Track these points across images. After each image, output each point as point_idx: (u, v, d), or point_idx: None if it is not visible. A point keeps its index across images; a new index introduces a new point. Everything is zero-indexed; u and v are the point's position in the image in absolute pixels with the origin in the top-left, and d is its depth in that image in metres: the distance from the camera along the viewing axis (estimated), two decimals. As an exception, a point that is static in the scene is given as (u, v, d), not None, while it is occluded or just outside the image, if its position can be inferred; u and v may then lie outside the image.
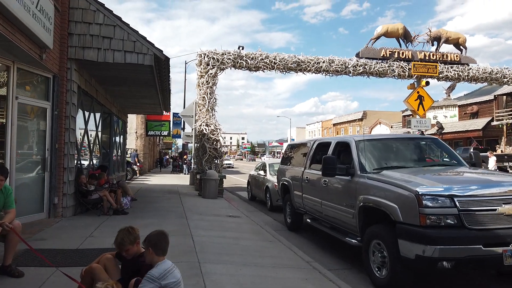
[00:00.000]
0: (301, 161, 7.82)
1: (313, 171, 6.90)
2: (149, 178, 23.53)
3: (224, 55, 16.71)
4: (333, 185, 5.89)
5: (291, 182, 7.98)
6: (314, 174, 6.79)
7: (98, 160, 11.41)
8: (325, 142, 6.93)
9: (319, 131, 75.09)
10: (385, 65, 19.40)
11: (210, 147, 14.21)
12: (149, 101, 13.48)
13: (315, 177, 6.69)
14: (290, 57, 18.07)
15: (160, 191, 15.06)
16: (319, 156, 7.05)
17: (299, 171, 7.59)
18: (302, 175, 7.31)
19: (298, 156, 8.27)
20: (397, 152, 5.71)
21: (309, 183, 6.92)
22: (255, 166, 14.09)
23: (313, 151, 7.17)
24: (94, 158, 11.04)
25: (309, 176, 6.96)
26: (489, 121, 32.60)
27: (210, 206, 10.77)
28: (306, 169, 7.23)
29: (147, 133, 29.58)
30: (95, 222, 7.37)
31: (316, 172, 6.76)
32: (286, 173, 8.53)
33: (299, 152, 8.31)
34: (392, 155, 5.65)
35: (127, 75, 9.30)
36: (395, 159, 5.58)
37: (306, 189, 7.09)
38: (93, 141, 10.76)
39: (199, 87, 16.29)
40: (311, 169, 7.06)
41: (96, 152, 11.43)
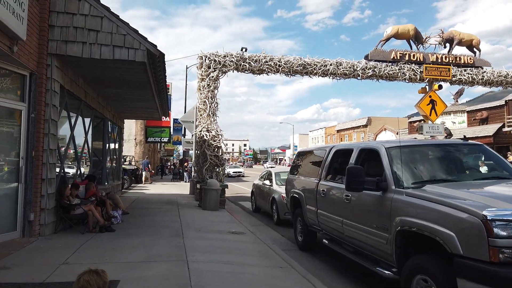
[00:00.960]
0: (314, 170, 6.80)
1: (331, 183, 5.87)
2: (148, 186, 22.51)
3: (226, 57, 15.80)
4: (359, 202, 4.86)
5: (302, 195, 6.95)
6: (332, 187, 5.77)
7: (89, 168, 10.40)
8: (344, 149, 5.91)
9: (322, 137, 73.98)
10: (396, 68, 18.45)
11: (211, 154, 13.21)
12: (145, 104, 12.51)
13: (334, 190, 5.67)
14: (295, 60, 17.17)
15: (158, 201, 14.03)
16: (337, 166, 6.03)
17: (312, 183, 6.56)
18: (316, 188, 6.28)
19: (311, 165, 7.25)
20: (438, 161, 4.68)
21: (326, 198, 5.89)
22: (260, 175, 13.06)
23: (330, 159, 6.15)
24: (83, 166, 10.04)
25: (326, 189, 5.93)
26: (500, 127, 31.51)
27: (210, 220, 9.74)
28: (322, 181, 6.20)
29: (146, 140, 28.62)
30: (76, 242, 6.34)
31: (334, 184, 5.73)
32: (296, 184, 7.50)
33: (312, 160, 7.29)
34: (432, 165, 4.61)
35: (118, 74, 8.33)
36: (437, 170, 4.54)
37: (322, 204, 6.06)
38: (82, 148, 9.76)
39: (199, 91, 15.37)
40: (328, 180, 6.03)
41: (86, 160, 10.44)
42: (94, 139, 12.00)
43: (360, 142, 5.51)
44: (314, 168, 6.90)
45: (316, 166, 6.81)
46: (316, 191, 6.28)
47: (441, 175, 4.40)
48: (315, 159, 7.04)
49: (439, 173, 4.47)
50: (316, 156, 7.03)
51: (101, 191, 8.54)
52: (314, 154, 7.27)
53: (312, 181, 6.58)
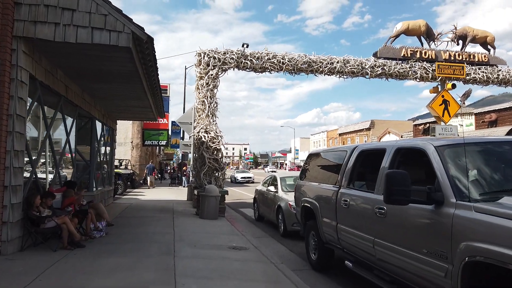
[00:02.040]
0: (331, 176, 5.68)
1: (356, 192, 4.74)
2: (144, 192, 21.37)
3: (226, 54, 14.75)
4: (399, 217, 3.72)
5: (317, 205, 5.81)
6: (358, 196, 4.63)
7: (72, 173, 9.26)
8: (373, 150, 4.80)
9: (324, 141, 72.83)
10: (406, 66, 17.37)
11: (210, 157, 12.08)
12: (137, 103, 11.39)
13: (361, 201, 4.53)
14: (300, 57, 16.11)
15: (152, 209, 12.89)
16: (363, 170, 4.90)
17: (329, 191, 5.43)
18: (336, 197, 5.15)
19: (326, 169, 6.13)
20: (509, 164, 3.53)
21: (350, 210, 4.76)
22: (263, 180, 11.91)
23: (353, 162, 5.01)
24: (64, 171, 8.91)
25: (350, 199, 4.78)
26: (511, 130, 30.35)
27: (208, 231, 8.59)
28: (343, 189, 5.06)
29: (143, 143, 27.51)
30: (42, 263, 5.21)
31: (361, 193, 4.60)
32: (308, 192, 6.37)
33: (327, 163, 6.17)
34: (504, 169, 3.47)
35: (101, 65, 7.23)
36: (510, 176, 3.41)
37: (344, 218, 4.92)
38: (62, 150, 8.63)
39: (198, 90, 14.29)
40: (352, 188, 4.90)
41: (69, 164, 9.31)
42: (80, 140, 10.89)
43: (394, 141, 4.37)
44: (330, 173, 5.78)
45: (333, 171, 5.69)
46: (335, 201, 5.14)
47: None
48: (332, 162, 5.92)
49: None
50: (333, 159, 5.90)
51: (83, 200, 7.41)
52: (330, 156, 6.14)
53: (330, 189, 5.44)
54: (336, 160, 5.68)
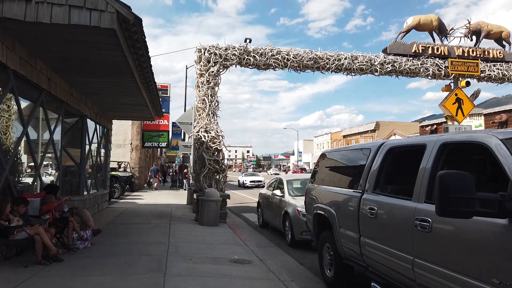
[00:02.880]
0: (351, 178, 4.80)
1: (386, 198, 3.85)
2: (142, 195, 20.52)
3: (228, 50, 13.94)
4: (455, 233, 2.83)
5: (333, 213, 4.91)
6: (389, 204, 3.74)
7: (57, 176, 8.40)
8: (407, 146, 3.92)
9: (328, 143, 71.80)
10: (417, 62, 16.47)
11: (210, 158, 11.22)
12: (132, 100, 10.54)
13: (393, 209, 3.65)
14: (306, 53, 15.29)
15: (148, 214, 12.02)
16: (393, 171, 4.02)
17: (350, 196, 4.55)
18: (358, 204, 4.26)
19: (344, 170, 5.25)
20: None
21: (378, 220, 3.87)
22: (268, 183, 11.01)
23: (380, 162, 4.13)
24: (47, 174, 8.05)
25: (377, 207, 3.89)
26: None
27: (207, 241, 7.72)
28: (368, 194, 4.17)
29: (143, 145, 26.67)
30: (5, 285, 4.34)
31: (393, 201, 3.71)
32: (322, 197, 5.49)
33: (346, 164, 5.29)
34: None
35: (84, 52, 6.37)
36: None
37: (370, 229, 4.04)
38: (44, 151, 7.78)
39: (198, 88, 13.48)
40: (379, 194, 4.01)
41: (54, 166, 8.46)
42: (70, 140, 10.07)
43: (435, 135, 3.47)
44: (350, 175, 4.91)
45: (353, 173, 4.81)
46: (357, 209, 4.26)
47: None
48: (351, 162, 5.04)
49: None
50: (353, 159, 5.01)
51: (64, 206, 6.55)
52: (348, 155, 5.25)
53: (350, 194, 4.55)
54: (356, 160, 4.80)
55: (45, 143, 7.82)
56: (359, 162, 4.64)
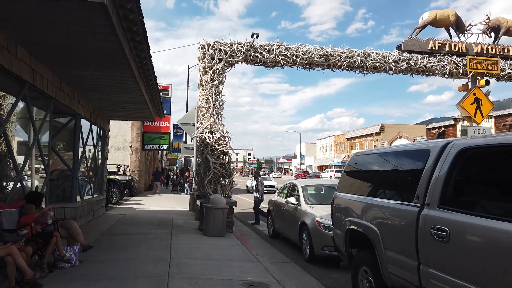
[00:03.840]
0: (399, 188, 3.84)
1: (467, 217, 2.84)
2: (142, 200, 19.55)
3: (233, 46, 13.05)
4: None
5: (376, 231, 3.93)
6: (476, 226, 2.73)
7: (44, 182, 7.44)
8: (494, 147, 2.92)
9: (331, 146, 70.77)
10: (434, 60, 15.53)
11: (215, 161, 10.27)
12: (130, 98, 9.61)
13: (484, 234, 2.67)
14: (316, 50, 14.40)
15: (148, 222, 11.07)
16: (468, 179, 3.05)
17: (401, 210, 3.59)
18: (416, 222, 3.29)
19: (388, 177, 4.29)
20: None
21: (453, 247, 2.88)
22: (279, 189, 10.03)
23: (448, 168, 3.15)
24: (32, 178, 7.08)
25: (452, 228, 2.89)
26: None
27: (214, 256, 6.76)
28: (433, 210, 3.17)
29: (143, 147, 25.73)
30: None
31: (483, 223, 2.71)
32: (357, 209, 4.53)
33: (390, 168, 4.30)
34: None
35: (73, 38, 5.44)
36: None
37: (438, 258, 3.05)
38: (28, 153, 6.82)
39: (201, 86, 12.58)
40: (451, 210, 3.01)
41: (40, 169, 7.50)
42: (61, 142, 9.14)
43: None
44: (398, 183, 3.95)
45: (402, 180, 3.86)
46: (415, 228, 3.29)
47: None
48: (399, 166, 4.07)
49: None
50: (401, 162, 4.04)
51: (48, 218, 5.59)
52: (396, 158, 4.23)
53: (401, 208, 3.59)
54: (407, 165, 3.85)
55: (29, 143, 6.87)
56: (411, 166, 3.69)
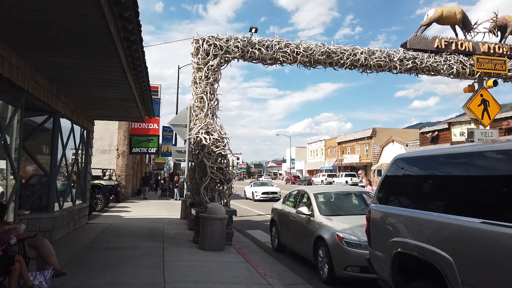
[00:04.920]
0: (482, 202, 2.85)
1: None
2: (129, 207, 18.31)
3: (229, 41, 12.04)
4: None
5: (448, 259, 2.88)
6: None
7: (14, 188, 6.26)
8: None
9: (322, 150, 70.00)
10: (440, 59, 14.72)
11: (213, 165, 9.19)
12: (117, 94, 8.50)
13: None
14: (317, 47, 13.48)
15: (136, 233, 9.92)
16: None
17: (496, 234, 2.58)
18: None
19: (458, 186, 3.27)
20: None
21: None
22: (285, 196, 8.97)
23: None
24: None
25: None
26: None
27: (215, 278, 5.68)
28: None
29: (130, 150, 24.45)
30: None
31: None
32: (410, 227, 3.52)
33: (473, 174, 3.26)
34: None
35: (44, 12, 4.33)
36: None
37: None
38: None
39: (195, 84, 11.52)
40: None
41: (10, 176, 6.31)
42: (37, 143, 7.98)
43: None
44: (477, 196, 2.95)
45: (485, 192, 2.86)
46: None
47: None
48: (486, 172, 3.05)
49: None
50: (492, 165, 3.02)
51: (11, 237, 4.44)
52: (462, 162, 3.23)
53: (492, 230, 2.59)
54: (490, 170, 2.85)
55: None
56: (497, 172, 2.70)
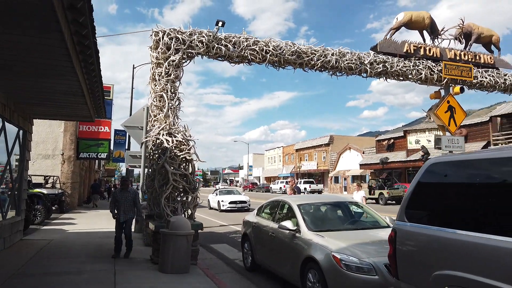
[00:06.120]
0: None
1: None
2: (75, 218, 16.35)
3: (193, 35, 10.93)
4: None
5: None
6: None
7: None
8: None
9: (279, 157, 69.71)
10: (409, 64, 14.42)
11: (176, 172, 7.92)
12: (60, 84, 7.01)
13: None
14: (288, 46, 12.69)
15: (81, 251, 8.40)
16: None
17: None
18: None
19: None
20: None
21: None
22: (259, 207, 7.83)
23: None
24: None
25: None
26: (485, 145, 29.02)
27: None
28: None
29: (78, 156, 22.28)
30: None
31: None
32: (476, 259, 2.56)
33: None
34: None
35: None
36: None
37: None
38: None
39: (154, 81, 10.29)
40: None
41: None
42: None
43: None
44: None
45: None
46: None
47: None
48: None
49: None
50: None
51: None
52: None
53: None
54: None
55: None
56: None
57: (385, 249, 5.07)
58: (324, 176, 52.93)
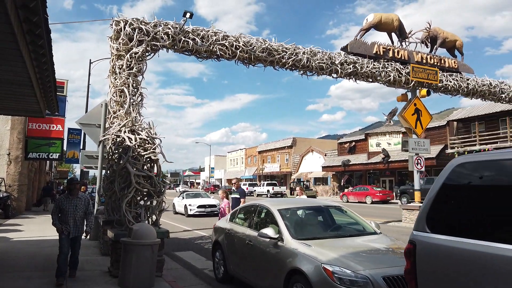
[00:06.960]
0: None
1: None
2: (22, 224, 14.86)
3: (158, 27, 10.23)
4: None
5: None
6: None
7: None
8: None
9: (242, 159, 69.11)
10: (379, 65, 14.41)
11: (139, 173, 7.10)
12: (2, 69, 5.99)
13: None
14: (258, 42, 12.29)
15: (27, 264, 7.35)
16: None
17: None
18: None
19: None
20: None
21: None
22: (232, 212, 7.15)
23: None
24: None
25: None
26: (443, 149, 29.97)
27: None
28: None
29: (26, 156, 20.51)
30: None
31: None
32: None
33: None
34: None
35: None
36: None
37: None
38: None
39: (114, 74, 9.44)
40: None
41: None
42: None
43: None
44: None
45: None
46: None
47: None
48: None
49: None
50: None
51: None
52: None
53: None
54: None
55: None
56: None
57: (380, 259, 4.60)
58: (287, 178, 52.98)
